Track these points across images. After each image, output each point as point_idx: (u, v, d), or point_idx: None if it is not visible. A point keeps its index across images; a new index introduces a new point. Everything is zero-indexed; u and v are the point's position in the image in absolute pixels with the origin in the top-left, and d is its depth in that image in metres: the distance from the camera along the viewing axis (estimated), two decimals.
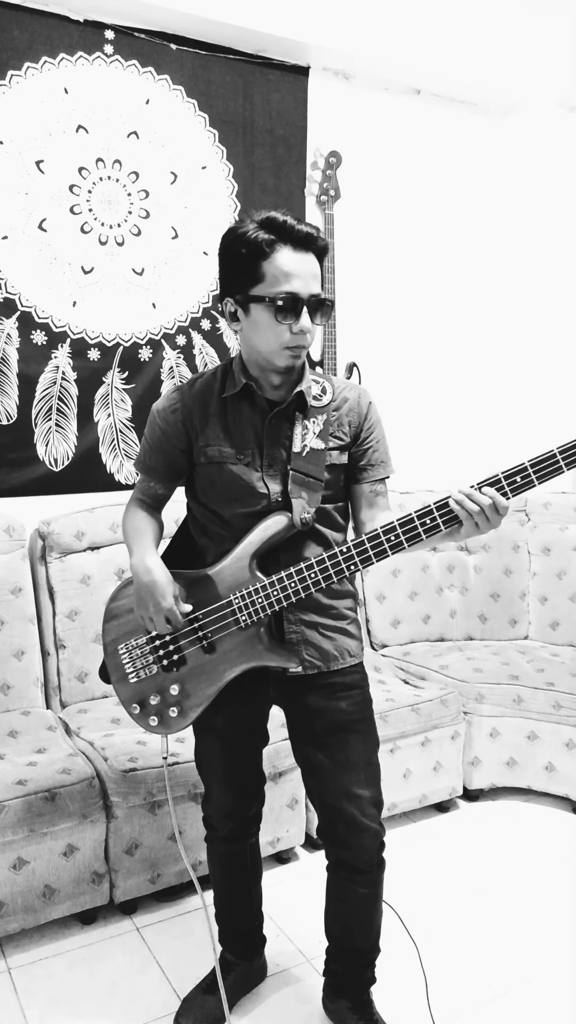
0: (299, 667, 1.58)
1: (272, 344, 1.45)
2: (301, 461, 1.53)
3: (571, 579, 3.21)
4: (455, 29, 3.18)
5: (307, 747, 1.68)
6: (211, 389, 1.58)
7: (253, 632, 1.56)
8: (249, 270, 1.43)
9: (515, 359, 3.67)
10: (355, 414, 1.59)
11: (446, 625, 3.24)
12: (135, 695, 1.69)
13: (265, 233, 1.41)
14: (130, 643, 1.69)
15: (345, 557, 1.46)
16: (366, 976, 1.79)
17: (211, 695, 1.61)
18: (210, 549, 1.63)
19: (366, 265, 3.28)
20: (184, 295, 2.93)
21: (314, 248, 1.44)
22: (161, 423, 1.61)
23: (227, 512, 1.57)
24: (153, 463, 1.65)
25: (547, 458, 1.36)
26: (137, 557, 1.63)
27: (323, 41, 2.91)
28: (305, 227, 1.42)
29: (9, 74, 2.54)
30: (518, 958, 2.06)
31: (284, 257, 1.41)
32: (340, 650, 1.63)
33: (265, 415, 1.54)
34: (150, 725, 1.69)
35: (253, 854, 1.88)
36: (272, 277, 1.41)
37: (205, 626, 1.60)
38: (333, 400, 1.58)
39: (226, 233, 1.48)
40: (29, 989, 1.94)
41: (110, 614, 1.73)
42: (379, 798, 1.67)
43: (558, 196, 3.54)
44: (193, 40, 2.81)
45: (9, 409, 2.67)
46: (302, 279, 1.41)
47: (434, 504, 1.43)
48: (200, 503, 1.63)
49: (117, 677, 1.72)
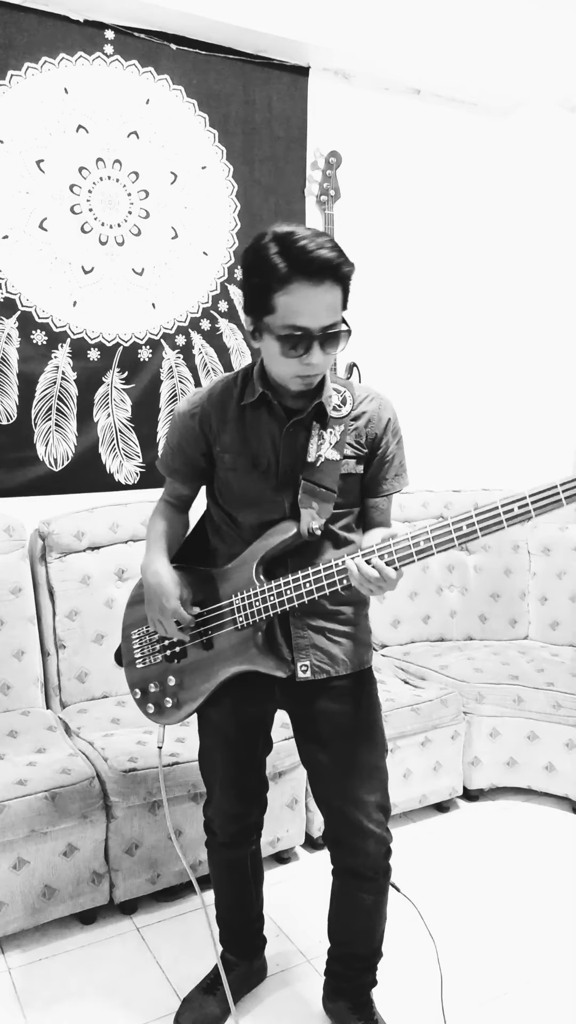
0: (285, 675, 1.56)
1: (283, 372, 1.44)
2: (314, 471, 1.52)
3: (571, 579, 3.21)
4: (455, 29, 3.18)
5: (313, 751, 1.67)
6: (230, 395, 1.57)
7: (249, 634, 1.57)
8: (262, 299, 1.37)
9: (515, 359, 3.67)
10: (374, 426, 1.56)
11: (446, 625, 3.24)
12: (139, 680, 1.76)
13: (281, 261, 1.33)
14: (141, 630, 1.76)
15: (339, 571, 1.44)
16: (367, 979, 1.79)
17: (205, 691, 1.63)
18: (220, 550, 1.64)
19: (366, 265, 3.26)
20: (184, 295, 2.93)
21: (333, 276, 1.36)
22: (181, 426, 1.62)
23: (241, 516, 1.58)
24: (175, 464, 1.67)
25: (489, 510, 1.32)
26: (147, 560, 1.69)
27: (323, 41, 2.91)
28: (324, 255, 1.33)
29: (9, 74, 2.54)
30: (518, 958, 2.06)
31: (297, 292, 1.34)
32: (348, 654, 1.62)
33: (283, 424, 1.52)
34: (147, 712, 1.75)
35: (254, 860, 1.88)
36: (282, 311, 1.35)
37: (207, 623, 1.62)
38: (352, 410, 1.55)
39: (248, 249, 1.41)
40: (29, 989, 1.94)
41: (131, 600, 1.80)
42: (386, 804, 1.67)
43: (558, 196, 3.54)
44: (193, 40, 2.81)
45: (9, 409, 2.67)
46: (311, 315, 1.35)
47: (451, 520, 1.39)
48: (217, 504, 1.64)
49: (127, 661, 1.79)
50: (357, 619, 1.65)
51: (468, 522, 1.33)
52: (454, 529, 1.34)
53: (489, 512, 1.32)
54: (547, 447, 3.59)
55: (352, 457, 1.55)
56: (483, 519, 1.33)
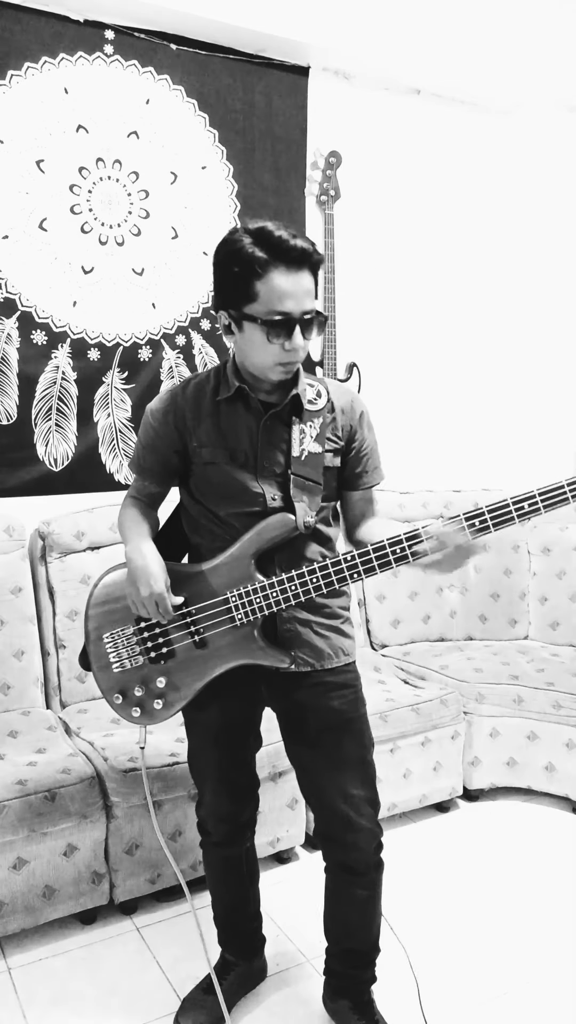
0: (290, 666, 1.58)
1: (265, 361, 1.47)
2: (301, 465, 1.54)
3: (571, 579, 3.21)
4: (455, 29, 3.18)
5: (300, 747, 1.68)
6: (204, 391, 1.59)
7: (247, 631, 1.56)
8: (242, 288, 1.42)
9: (515, 359, 3.67)
10: (347, 418, 1.61)
11: (446, 625, 3.24)
12: (117, 685, 1.68)
13: (259, 250, 1.40)
14: (116, 633, 1.68)
15: (348, 565, 1.48)
16: (366, 976, 1.78)
17: (197, 689, 1.61)
18: (202, 546, 1.64)
19: (366, 265, 3.28)
20: (184, 295, 2.93)
21: (308, 264, 1.43)
22: (155, 424, 1.61)
23: (223, 511, 1.58)
24: (147, 463, 1.66)
25: (556, 489, 1.39)
26: (133, 544, 1.64)
27: (323, 41, 2.91)
28: (300, 244, 1.41)
29: (9, 74, 2.54)
30: (518, 958, 2.06)
31: (277, 278, 1.40)
32: (334, 648, 1.63)
33: (260, 417, 1.55)
34: (132, 716, 1.67)
35: (249, 858, 1.87)
36: (265, 297, 1.41)
37: (198, 621, 1.59)
38: (328, 403, 1.59)
39: (220, 245, 1.47)
40: (29, 989, 1.94)
41: (96, 600, 1.71)
42: (375, 798, 1.67)
43: (559, 196, 3.54)
44: (193, 40, 2.81)
45: (9, 409, 2.67)
46: (295, 298, 1.41)
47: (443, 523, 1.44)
48: (196, 500, 1.63)
49: (100, 666, 1.70)
50: (342, 613, 1.66)
51: (531, 500, 1.39)
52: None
53: (554, 490, 1.38)
54: (547, 447, 3.58)
55: (330, 451, 1.58)
56: (545, 497, 1.39)
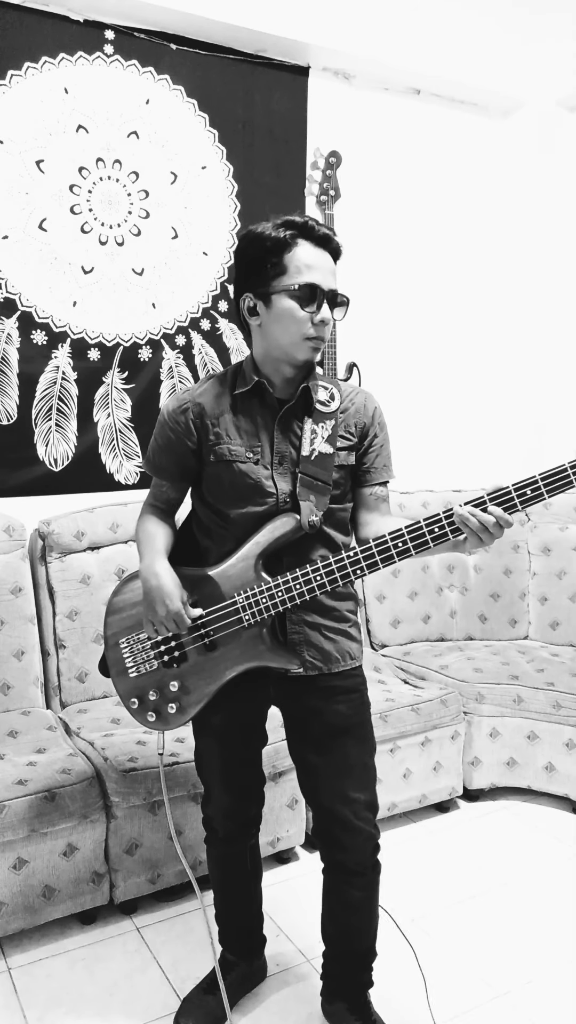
0: (300, 668, 1.59)
1: (294, 335, 1.49)
2: (310, 464, 1.55)
3: (571, 579, 3.21)
4: (455, 29, 3.18)
5: (304, 749, 1.68)
6: (222, 387, 1.61)
7: (256, 632, 1.57)
8: (272, 263, 1.48)
9: (515, 359, 3.67)
10: (362, 416, 1.62)
11: (446, 625, 3.24)
12: (134, 690, 1.70)
13: (285, 231, 1.48)
14: (131, 638, 1.71)
15: (352, 561, 1.48)
16: (363, 978, 1.78)
17: (210, 693, 1.62)
18: (212, 550, 1.64)
19: (366, 265, 3.27)
20: (184, 295, 2.93)
21: (330, 248, 1.52)
22: (171, 423, 1.61)
23: (232, 511, 1.58)
24: (163, 463, 1.66)
25: (559, 472, 1.37)
26: (146, 562, 1.65)
27: (323, 41, 2.91)
28: (324, 228, 1.51)
29: (9, 74, 2.54)
30: (518, 958, 2.06)
31: (305, 251, 1.48)
32: (341, 652, 1.63)
33: (275, 412, 1.56)
34: (148, 720, 1.69)
35: (253, 856, 1.88)
36: (295, 268, 1.47)
37: (208, 624, 1.60)
38: (341, 404, 1.60)
39: (245, 233, 1.54)
40: (29, 989, 1.94)
41: (113, 608, 1.74)
42: (374, 802, 1.68)
43: (558, 196, 3.54)
44: (193, 40, 2.81)
45: (9, 409, 2.67)
46: (322, 272, 1.48)
47: (443, 512, 1.43)
48: (205, 503, 1.63)
49: (117, 671, 1.73)
50: (350, 616, 1.66)
51: (533, 486, 1.37)
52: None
53: (558, 473, 1.37)
54: (548, 447, 3.58)
55: (344, 448, 1.59)
56: (548, 481, 1.37)
